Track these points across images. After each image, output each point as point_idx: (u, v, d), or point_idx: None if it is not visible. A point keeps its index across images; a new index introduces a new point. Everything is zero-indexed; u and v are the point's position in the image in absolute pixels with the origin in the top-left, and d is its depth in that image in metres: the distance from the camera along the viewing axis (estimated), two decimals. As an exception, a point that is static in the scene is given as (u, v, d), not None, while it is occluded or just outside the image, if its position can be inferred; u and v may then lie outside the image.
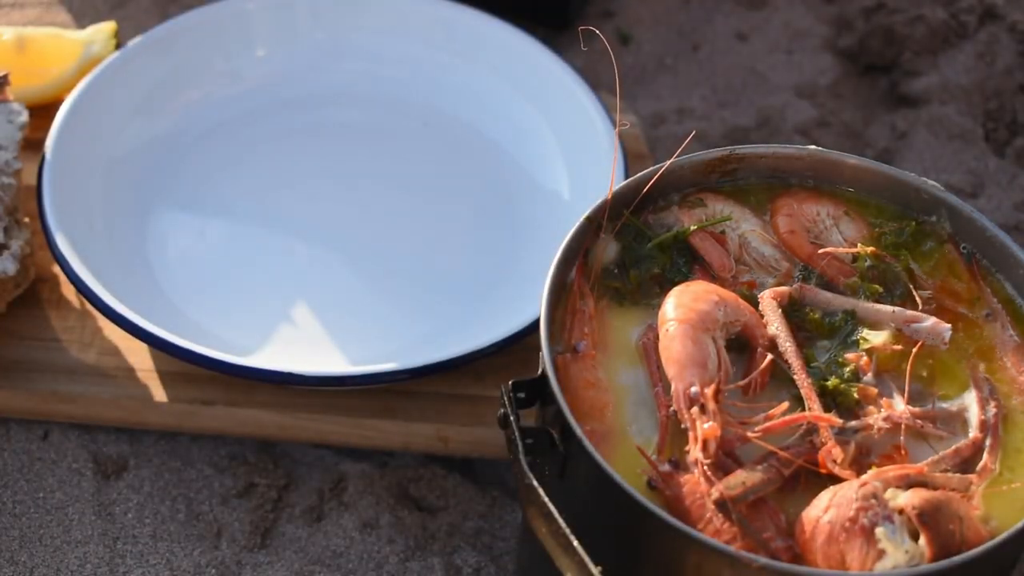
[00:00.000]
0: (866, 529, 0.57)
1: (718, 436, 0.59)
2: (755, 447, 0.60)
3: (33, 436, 0.85)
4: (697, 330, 0.63)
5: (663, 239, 0.69)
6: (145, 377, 0.85)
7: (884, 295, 0.68)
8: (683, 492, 0.59)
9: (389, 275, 0.91)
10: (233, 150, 0.98)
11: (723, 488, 0.58)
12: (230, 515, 0.82)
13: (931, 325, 0.65)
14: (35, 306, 0.89)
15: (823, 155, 0.71)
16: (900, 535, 0.56)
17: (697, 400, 0.60)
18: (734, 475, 0.59)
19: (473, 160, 0.98)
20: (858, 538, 0.57)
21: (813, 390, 0.62)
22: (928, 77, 1.09)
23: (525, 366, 0.69)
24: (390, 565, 0.80)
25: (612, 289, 0.67)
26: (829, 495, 0.58)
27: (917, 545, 0.57)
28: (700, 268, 0.69)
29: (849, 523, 0.57)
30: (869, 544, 0.56)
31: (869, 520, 0.57)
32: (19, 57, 0.99)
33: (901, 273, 0.68)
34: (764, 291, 0.67)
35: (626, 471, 0.59)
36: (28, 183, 0.91)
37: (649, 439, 0.62)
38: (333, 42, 1.02)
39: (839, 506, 0.57)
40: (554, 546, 0.57)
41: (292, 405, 0.84)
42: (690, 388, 0.61)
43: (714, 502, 0.58)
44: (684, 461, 0.60)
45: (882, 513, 0.57)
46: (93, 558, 0.80)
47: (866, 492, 0.57)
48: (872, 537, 0.56)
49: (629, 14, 1.15)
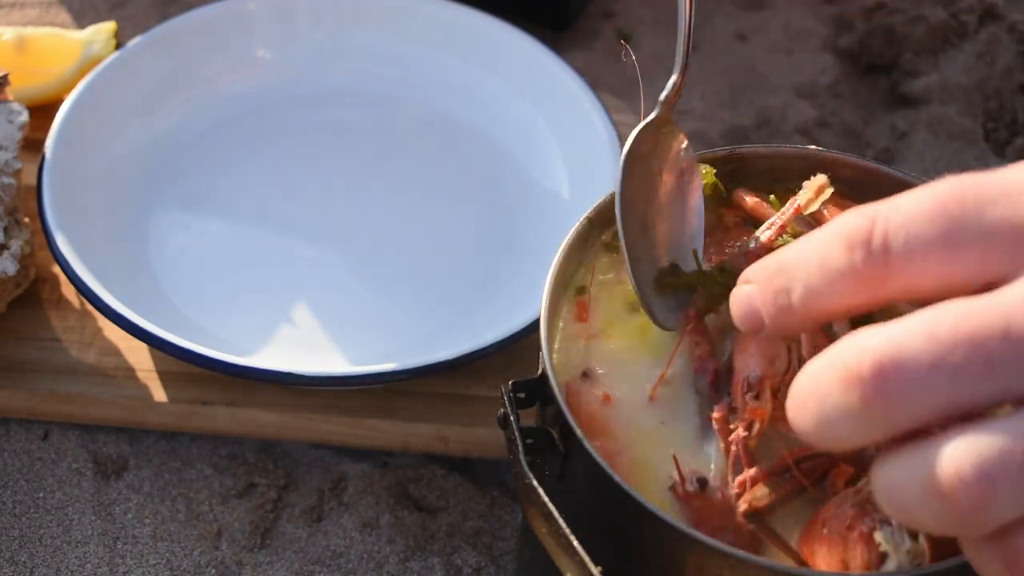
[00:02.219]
0: (865, 535, 0.56)
1: (765, 418, 0.59)
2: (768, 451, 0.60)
3: (33, 436, 0.85)
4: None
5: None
6: (145, 377, 0.85)
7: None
8: (703, 507, 0.59)
9: (389, 275, 0.91)
10: (233, 150, 0.98)
11: (751, 499, 0.58)
12: (230, 515, 0.82)
13: None
14: (35, 306, 0.89)
15: (823, 155, 0.71)
16: (900, 536, 0.56)
17: (755, 386, 0.60)
18: (759, 486, 0.59)
19: (473, 160, 0.98)
20: (859, 545, 0.56)
21: None
22: (928, 77, 1.09)
23: (525, 366, 0.69)
24: (390, 565, 0.80)
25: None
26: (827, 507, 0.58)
27: (918, 544, 0.56)
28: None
29: (847, 531, 0.57)
30: (870, 549, 0.56)
31: (867, 526, 0.56)
32: (19, 57, 0.99)
33: None
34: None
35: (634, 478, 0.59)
36: (28, 183, 0.91)
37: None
38: (333, 42, 1.03)
39: (836, 517, 0.57)
40: (554, 546, 0.57)
41: (292, 405, 0.84)
42: (751, 375, 0.60)
43: (742, 514, 0.58)
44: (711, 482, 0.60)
45: (879, 517, 0.57)
46: (93, 558, 0.80)
47: (861, 499, 0.57)
48: (872, 542, 0.56)
49: (629, 14, 1.15)
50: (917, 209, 0.45)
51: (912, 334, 0.43)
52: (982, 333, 0.43)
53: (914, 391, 0.43)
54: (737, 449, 0.59)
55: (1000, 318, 0.43)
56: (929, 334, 0.43)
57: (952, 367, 0.42)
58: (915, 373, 0.43)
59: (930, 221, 0.45)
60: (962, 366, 0.42)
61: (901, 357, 0.43)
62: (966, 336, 0.43)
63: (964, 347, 0.42)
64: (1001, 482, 0.42)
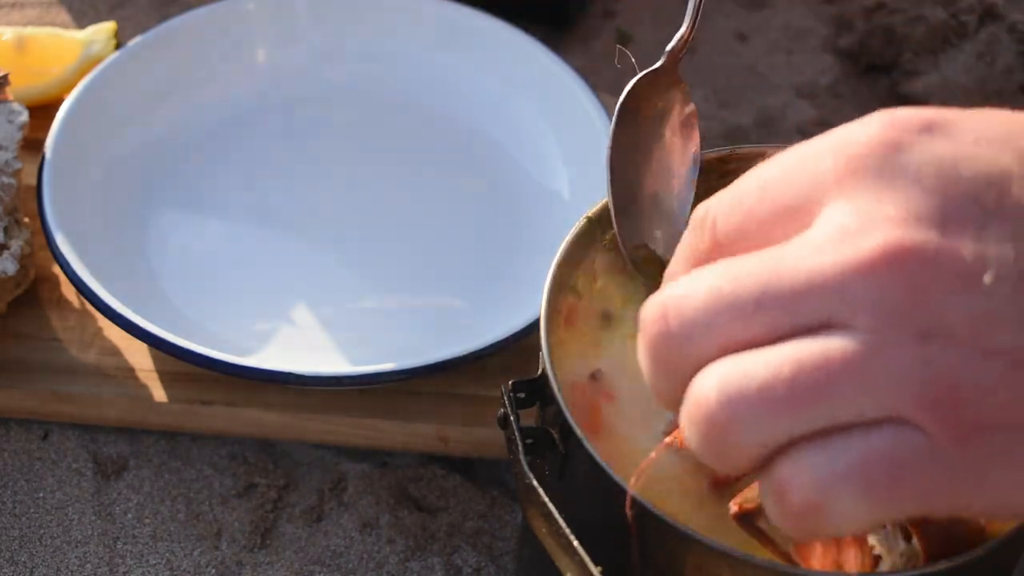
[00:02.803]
0: (858, 537, 0.56)
1: None
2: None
3: (33, 436, 0.85)
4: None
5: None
6: (145, 377, 0.85)
7: None
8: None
9: (389, 275, 0.91)
10: (233, 150, 0.98)
11: (742, 501, 0.58)
12: (230, 515, 0.82)
13: None
14: (35, 306, 0.89)
15: None
16: (893, 538, 0.56)
17: None
18: (751, 488, 0.58)
19: (473, 160, 0.98)
20: (852, 547, 0.56)
21: None
22: (928, 77, 1.09)
23: (525, 366, 0.69)
24: (390, 565, 0.80)
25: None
26: None
27: (911, 545, 0.56)
28: None
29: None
30: (863, 552, 0.56)
31: None
32: (19, 57, 0.99)
33: None
34: None
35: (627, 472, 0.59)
36: (28, 183, 0.91)
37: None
38: (333, 42, 1.02)
39: None
40: (554, 546, 0.57)
41: (292, 405, 0.84)
42: None
43: (733, 516, 0.58)
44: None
45: None
46: (93, 558, 0.80)
47: None
48: (866, 545, 0.56)
49: (629, 14, 1.15)
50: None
51: (694, 278, 0.46)
52: (754, 276, 0.44)
53: (690, 327, 0.44)
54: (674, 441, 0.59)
55: (773, 260, 0.44)
56: (708, 281, 0.45)
57: (726, 304, 0.44)
58: (691, 311, 0.44)
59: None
60: (734, 303, 0.44)
61: (680, 297, 0.45)
62: (738, 276, 0.44)
63: (737, 286, 0.44)
64: (740, 404, 0.43)
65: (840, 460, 0.42)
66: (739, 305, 0.44)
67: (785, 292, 0.43)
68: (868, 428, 0.42)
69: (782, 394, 0.42)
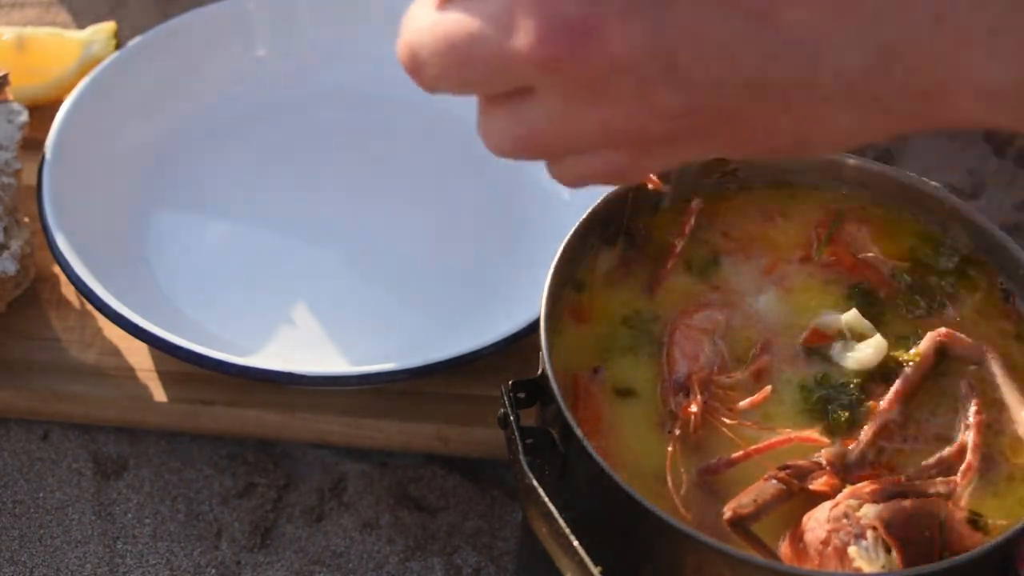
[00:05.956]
0: (839, 550, 0.56)
1: (697, 414, 0.61)
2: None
3: (33, 436, 0.85)
4: (692, 330, 0.64)
5: None
6: (145, 377, 0.85)
7: (922, 309, 0.67)
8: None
9: (389, 275, 0.91)
10: (233, 150, 0.98)
11: (735, 506, 0.58)
12: (230, 515, 0.82)
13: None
14: (35, 306, 0.89)
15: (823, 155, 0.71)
16: (874, 550, 0.56)
17: (684, 385, 0.62)
18: (745, 492, 0.58)
19: (473, 160, 0.98)
20: (833, 560, 0.56)
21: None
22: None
23: (525, 366, 0.69)
24: (390, 565, 0.80)
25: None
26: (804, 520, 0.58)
27: (891, 557, 0.56)
28: None
29: (822, 546, 0.56)
30: (844, 564, 0.56)
31: (841, 540, 0.56)
32: (19, 57, 0.99)
33: (937, 288, 0.68)
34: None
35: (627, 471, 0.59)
36: (28, 183, 0.91)
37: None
38: (333, 42, 1.02)
39: (812, 530, 0.57)
40: (554, 546, 0.57)
41: (292, 405, 0.84)
42: (677, 376, 0.63)
43: (727, 521, 0.58)
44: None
45: (854, 531, 0.56)
46: (93, 558, 0.80)
47: (836, 513, 0.57)
48: (846, 557, 0.56)
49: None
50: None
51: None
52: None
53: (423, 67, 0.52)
54: (675, 450, 0.60)
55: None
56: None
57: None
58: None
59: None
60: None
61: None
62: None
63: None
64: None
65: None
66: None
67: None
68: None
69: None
